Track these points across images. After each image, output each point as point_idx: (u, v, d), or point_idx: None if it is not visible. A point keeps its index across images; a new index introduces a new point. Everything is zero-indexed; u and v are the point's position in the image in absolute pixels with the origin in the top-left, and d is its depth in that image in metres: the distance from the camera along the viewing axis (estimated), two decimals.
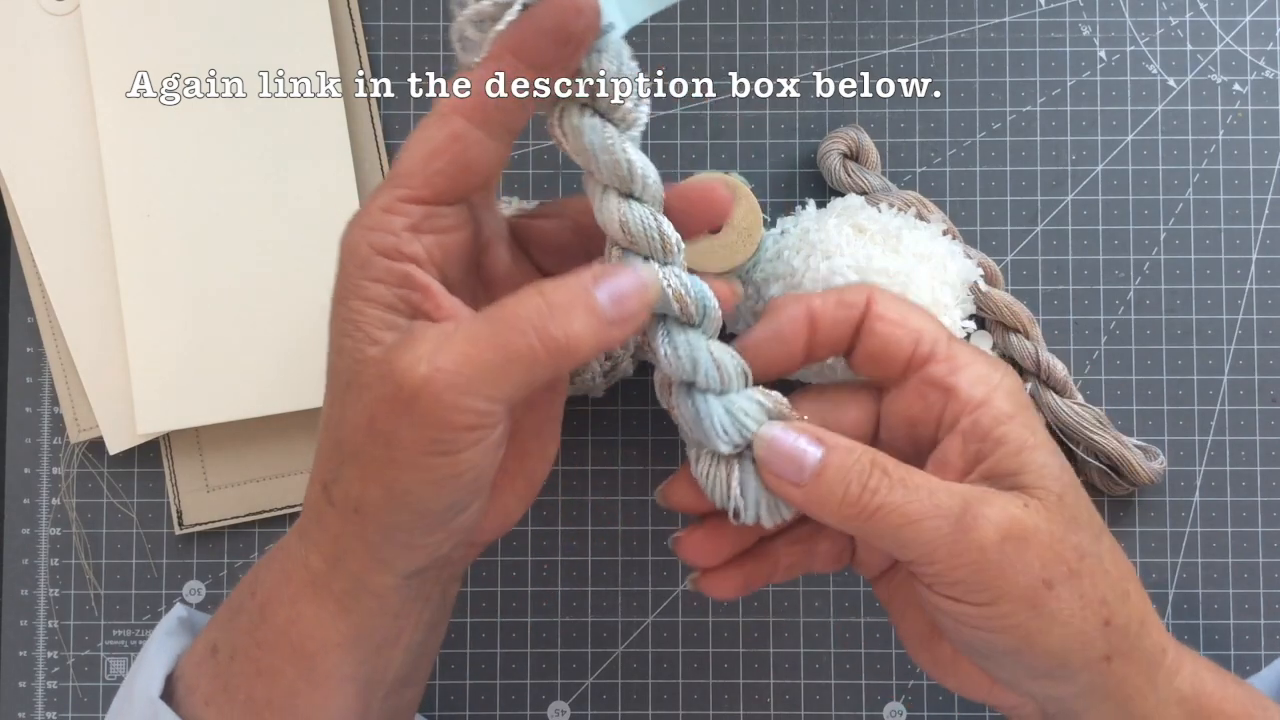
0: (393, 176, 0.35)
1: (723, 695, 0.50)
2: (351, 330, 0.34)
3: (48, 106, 0.49)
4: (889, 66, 0.51)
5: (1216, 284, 0.50)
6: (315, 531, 0.36)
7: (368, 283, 0.34)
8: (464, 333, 0.32)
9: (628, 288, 0.34)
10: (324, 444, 0.35)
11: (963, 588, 0.34)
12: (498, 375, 0.32)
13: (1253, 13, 0.51)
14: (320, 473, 0.35)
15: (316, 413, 0.49)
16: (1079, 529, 0.35)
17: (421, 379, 0.32)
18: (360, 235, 0.34)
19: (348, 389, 0.34)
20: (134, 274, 0.48)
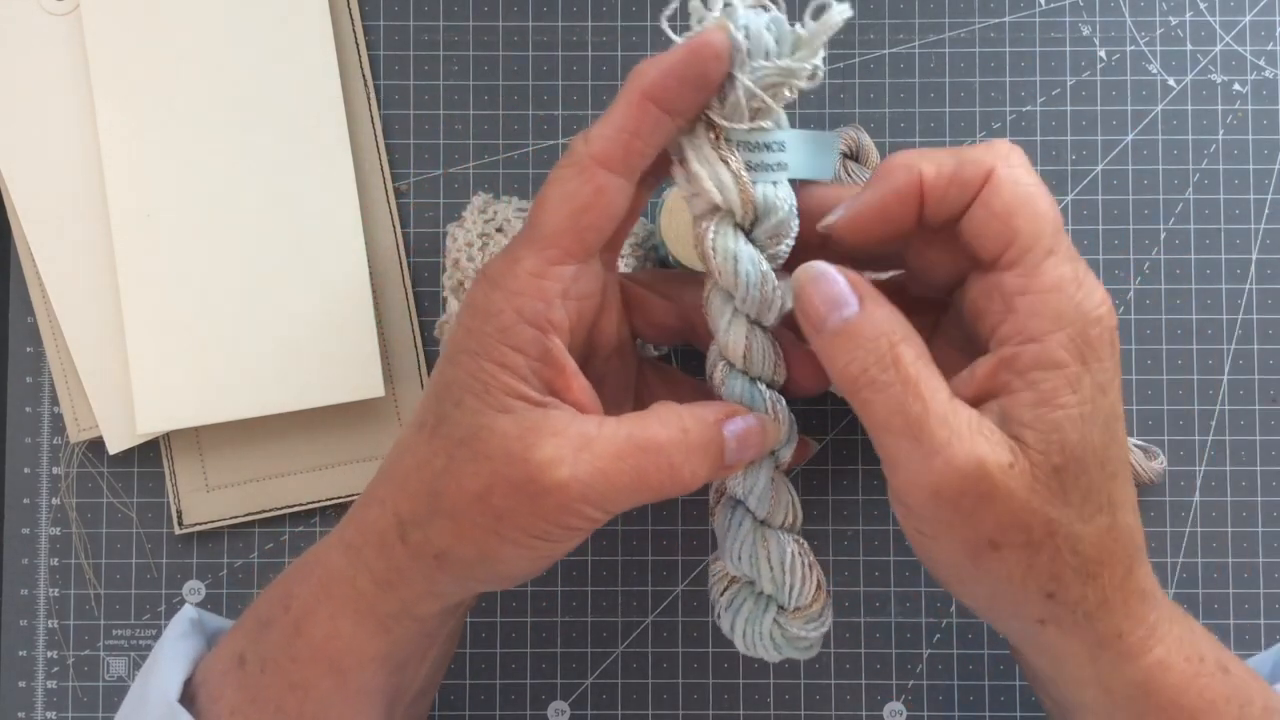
0: (537, 237, 0.34)
1: (723, 695, 0.50)
2: (481, 391, 0.33)
3: (48, 106, 0.49)
4: (889, 66, 0.51)
5: (1216, 284, 0.50)
6: (374, 557, 0.36)
7: (508, 349, 0.33)
8: (606, 446, 0.33)
9: (754, 438, 0.35)
10: (409, 483, 0.35)
11: (911, 513, 0.34)
12: (627, 497, 0.33)
13: (1253, 13, 0.51)
14: (398, 509, 0.35)
15: (316, 413, 0.49)
16: (1065, 505, 0.33)
17: (557, 482, 0.32)
18: (506, 299, 0.34)
19: (461, 446, 0.34)
20: (134, 274, 0.48)
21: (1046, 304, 0.32)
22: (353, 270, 0.49)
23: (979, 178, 0.33)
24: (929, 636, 0.50)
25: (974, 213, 0.33)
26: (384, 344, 0.50)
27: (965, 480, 0.32)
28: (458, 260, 0.45)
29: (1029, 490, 0.32)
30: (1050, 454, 0.32)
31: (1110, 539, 0.34)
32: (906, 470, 0.33)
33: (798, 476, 0.50)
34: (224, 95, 0.49)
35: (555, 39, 0.51)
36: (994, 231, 0.33)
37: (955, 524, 0.33)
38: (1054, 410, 0.32)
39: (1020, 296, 0.32)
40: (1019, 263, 0.33)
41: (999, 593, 0.34)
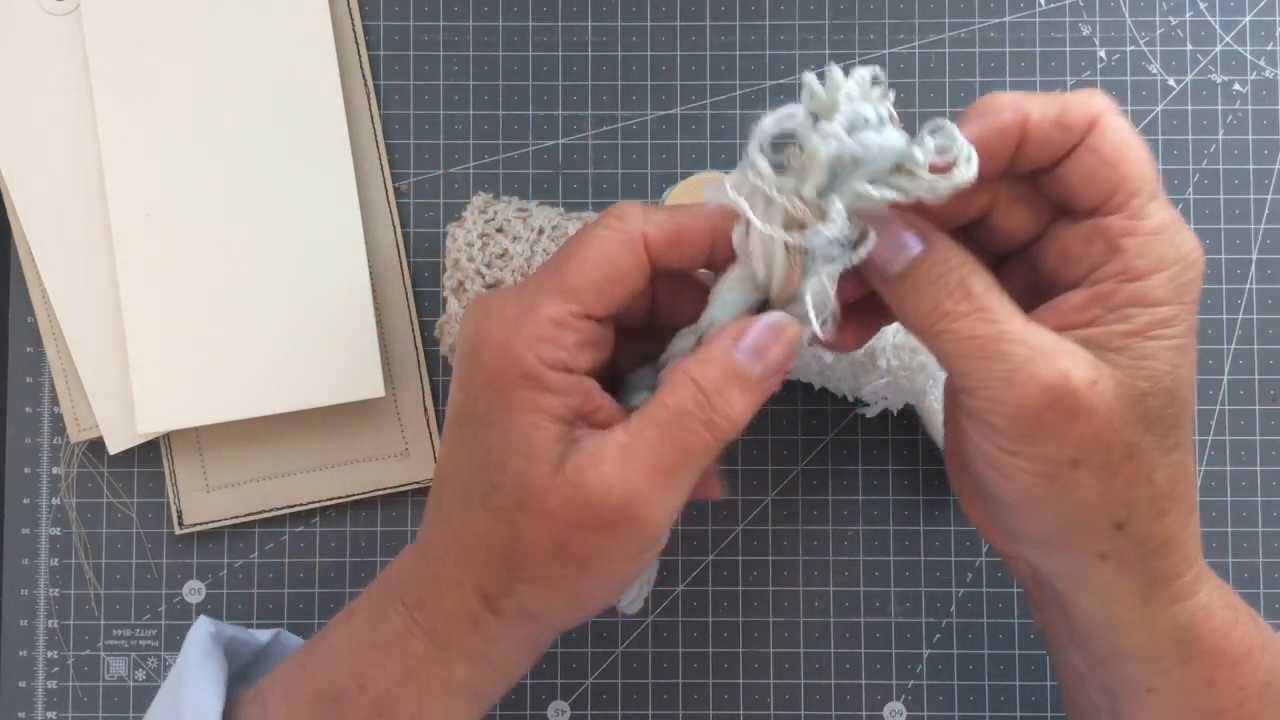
0: (565, 287, 0.33)
1: (723, 695, 0.50)
2: (522, 448, 0.33)
3: (48, 106, 0.49)
4: (889, 66, 0.51)
5: (1216, 284, 0.50)
6: (466, 639, 0.36)
7: (539, 395, 0.33)
8: (641, 444, 0.33)
9: (773, 341, 0.34)
10: (480, 559, 0.35)
11: (994, 431, 0.33)
12: (681, 477, 0.33)
13: (1253, 13, 0.51)
14: (477, 583, 0.35)
15: (316, 413, 0.49)
16: (1147, 431, 0.33)
17: (620, 503, 0.32)
18: (527, 346, 0.33)
19: (521, 511, 0.33)
20: (134, 274, 0.48)
21: (1152, 245, 0.33)
22: (353, 270, 0.49)
23: (1085, 122, 0.33)
24: (929, 636, 0.50)
25: (1080, 158, 0.33)
26: (384, 344, 0.50)
27: (1049, 393, 0.32)
28: (458, 260, 0.45)
29: (1112, 409, 0.32)
30: (1138, 379, 0.32)
31: (1183, 476, 0.34)
32: (989, 389, 0.33)
33: (799, 475, 0.50)
34: (224, 95, 0.49)
35: (555, 39, 0.51)
36: (1102, 176, 0.33)
37: (1037, 439, 0.33)
38: (1147, 340, 0.32)
39: (1126, 238, 0.33)
40: (1125, 206, 0.33)
41: (1070, 518, 0.34)
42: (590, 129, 0.51)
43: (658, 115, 0.51)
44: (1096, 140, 0.33)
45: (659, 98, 0.51)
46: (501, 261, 0.45)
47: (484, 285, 0.45)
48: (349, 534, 0.50)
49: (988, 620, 0.50)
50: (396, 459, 0.50)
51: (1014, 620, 0.50)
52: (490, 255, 0.45)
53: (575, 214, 0.47)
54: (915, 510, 0.50)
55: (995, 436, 0.33)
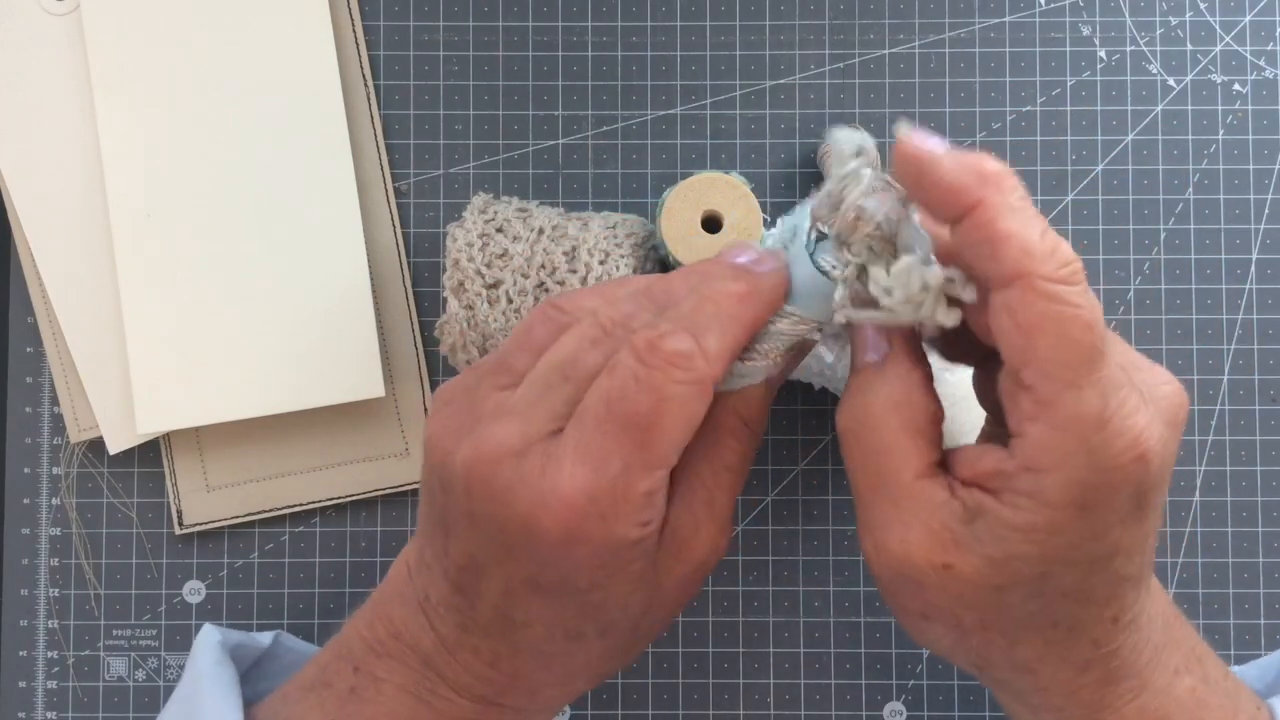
0: (654, 458, 0.32)
1: (723, 695, 0.50)
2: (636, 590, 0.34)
3: (48, 106, 0.49)
4: (889, 66, 0.51)
5: (1216, 284, 0.50)
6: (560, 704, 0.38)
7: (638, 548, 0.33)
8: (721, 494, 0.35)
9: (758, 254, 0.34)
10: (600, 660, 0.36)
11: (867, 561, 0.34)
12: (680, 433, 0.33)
13: (1253, 13, 0.51)
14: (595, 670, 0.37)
15: (316, 413, 0.49)
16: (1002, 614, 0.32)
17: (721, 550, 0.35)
18: (629, 524, 0.32)
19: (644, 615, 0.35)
20: (134, 274, 0.48)
21: (1054, 441, 0.29)
22: (353, 270, 0.49)
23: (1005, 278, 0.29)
24: None
25: (997, 313, 0.30)
26: (384, 344, 0.50)
27: (895, 564, 0.32)
28: (458, 260, 0.45)
29: (962, 592, 0.32)
30: (999, 574, 0.31)
31: (1062, 647, 0.33)
32: (859, 526, 0.34)
33: (799, 475, 0.50)
34: (224, 95, 0.49)
35: (555, 39, 0.51)
36: (1014, 345, 0.29)
37: (889, 590, 0.34)
38: (1024, 542, 0.30)
39: (1030, 423, 0.30)
40: (1036, 387, 0.29)
41: (934, 648, 0.35)
42: (590, 129, 0.51)
43: (658, 115, 0.51)
44: (1015, 303, 0.29)
45: (659, 98, 0.51)
46: (501, 261, 0.45)
47: (484, 285, 0.45)
48: (349, 534, 0.50)
49: None
50: (396, 459, 0.50)
51: None
52: (490, 255, 0.45)
53: (575, 214, 0.47)
54: None
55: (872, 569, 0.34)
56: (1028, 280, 0.29)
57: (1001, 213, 0.29)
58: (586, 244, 0.44)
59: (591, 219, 0.46)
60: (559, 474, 0.31)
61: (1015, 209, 0.29)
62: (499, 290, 0.44)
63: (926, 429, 0.33)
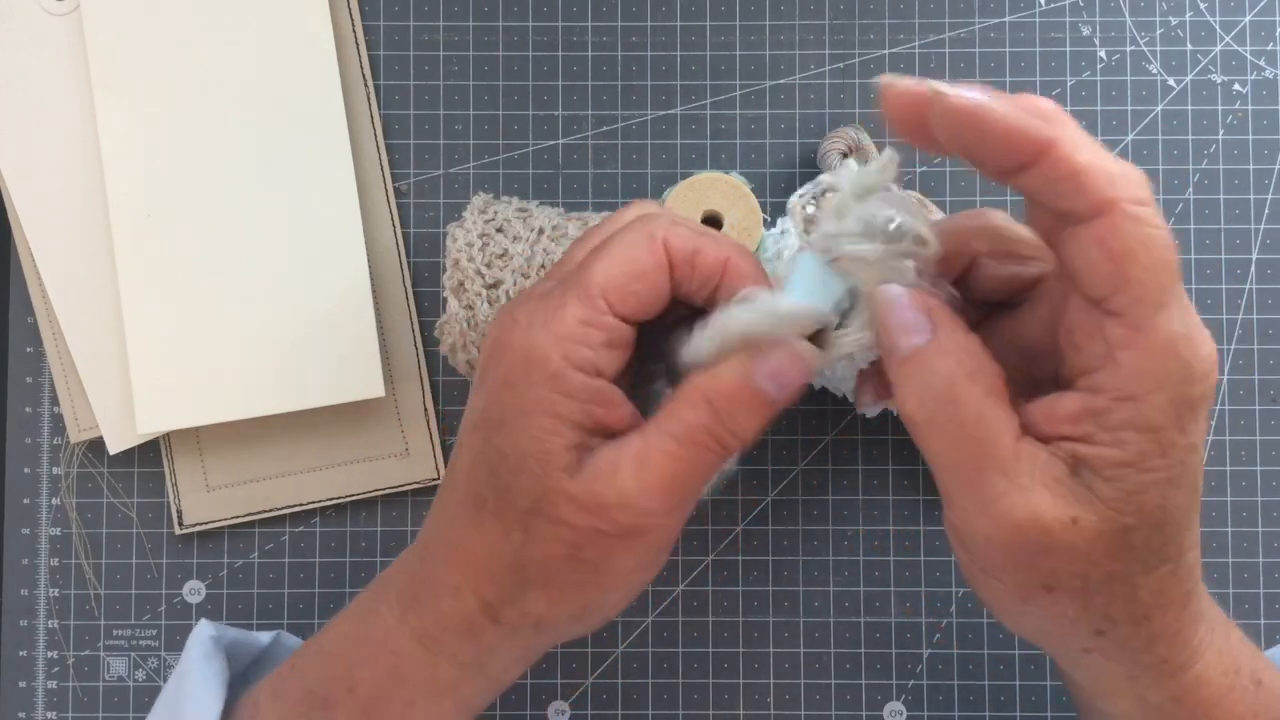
0: (589, 285, 0.33)
1: (723, 695, 0.50)
2: (537, 451, 0.33)
3: (48, 106, 0.49)
4: (889, 66, 0.51)
5: (1216, 284, 0.50)
6: (459, 645, 0.35)
7: (560, 397, 0.33)
8: (656, 456, 0.33)
9: (784, 364, 0.33)
10: (488, 565, 0.34)
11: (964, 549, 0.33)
12: (692, 489, 0.34)
13: (1253, 13, 0.51)
14: (478, 589, 0.35)
15: (316, 413, 0.49)
16: (1129, 559, 0.31)
17: (637, 512, 0.33)
18: (553, 345, 0.33)
19: (534, 515, 0.33)
20: (134, 274, 0.48)
21: (1153, 363, 0.29)
22: (353, 270, 0.49)
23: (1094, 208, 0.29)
24: (929, 636, 0.50)
25: (1085, 247, 0.29)
26: (384, 344, 0.50)
27: (1020, 532, 0.31)
28: (458, 260, 0.45)
29: (1091, 544, 0.31)
30: (1124, 514, 0.31)
31: (1171, 582, 0.33)
32: (961, 511, 0.32)
33: (799, 475, 0.50)
34: (224, 95, 0.49)
35: (555, 39, 0.51)
36: (1105, 274, 0.29)
37: (1009, 568, 0.32)
38: (1139, 473, 0.30)
39: (1125, 350, 0.30)
40: (1128, 313, 0.29)
41: (1047, 628, 0.34)
42: (590, 129, 0.51)
43: (658, 115, 0.51)
44: (1105, 232, 0.29)
45: (659, 98, 0.51)
46: (501, 261, 0.45)
47: (484, 285, 0.45)
48: (349, 534, 0.50)
49: (988, 620, 0.50)
50: (396, 459, 0.50)
51: None
52: (490, 255, 0.45)
53: (575, 214, 0.47)
54: (915, 510, 0.50)
55: (966, 554, 0.33)
56: (1117, 207, 0.29)
57: (1077, 147, 0.29)
58: (582, 249, 0.44)
59: (591, 219, 0.46)
60: (521, 302, 0.34)
61: (1084, 141, 0.29)
62: (499, 290, 0.44)
63: (1004, 392, 0.32)
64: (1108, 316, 0.30)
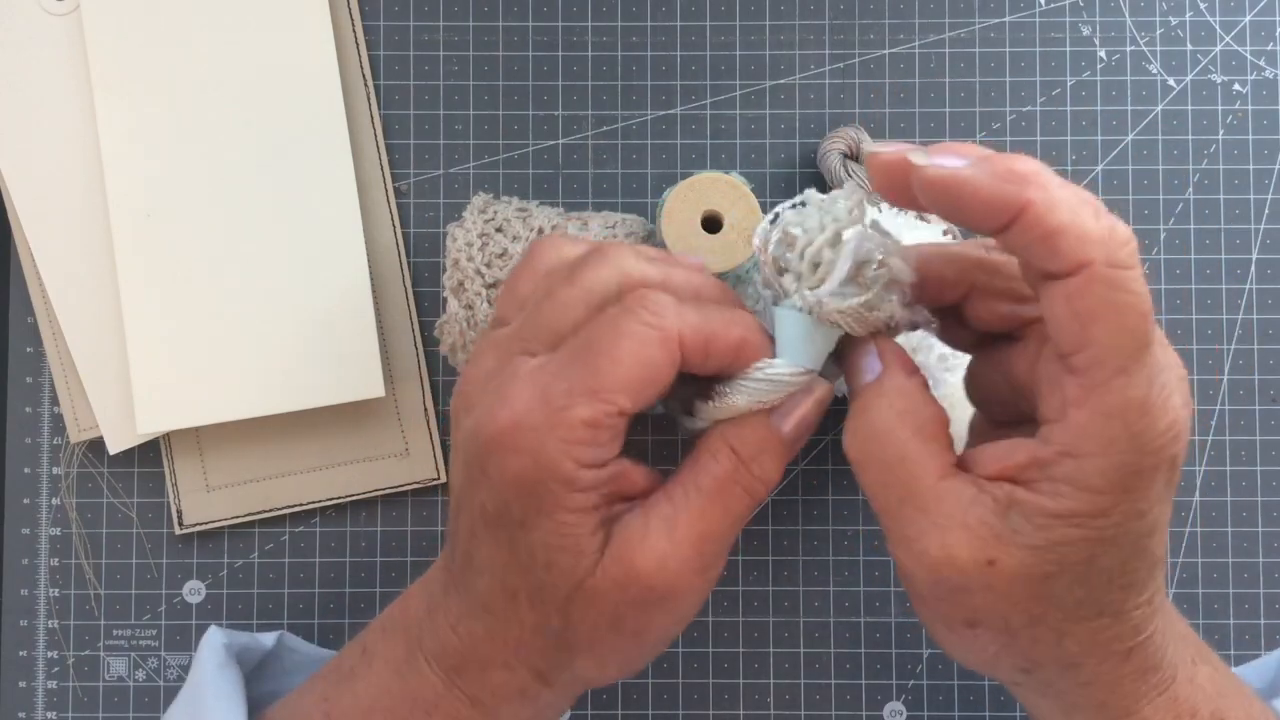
0: (597, 388, 0.32)
1: (723, 695, 0.50)
2: (567, 546, 0.33)
3: (48, 106, 0.49)
4: (889, 66, 0.51)
5: (1216, 284, 0.50)
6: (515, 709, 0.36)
7: (577, 495, 0.33)
8: (686, 515, 0.33)
9: (807, 408, 0.34)
10: (533, 645, 0.35)
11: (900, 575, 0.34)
12: (726, 541, 0.34)
13: (1253, 13, 0.51)
14: (529, 663, 0.35)
15: (317, 412, 0.49)
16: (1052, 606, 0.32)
17: (673, 575, 0.33)
18: (562, 452, 0.32)
19: (572, 602, 0.33)
20: (134, 274, 0.48)
21: (1099, 426, 0.30)
22: (353, 270, 0.49)
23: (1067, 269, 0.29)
24: (929, 636, 0.50)
25: (1054, 301, 0.30)
26: (384, 344, 0.50)
27: (936, 570, 0.32)
28: (458, 260, 0.45)
29: (1010, 586, 0.31)
30: (1045, 562, 0.31)
31: (1108, 636, 0.33)
32: (892, 545, 0.33)
33: (799, 475, 0.50)
34: (224, 95, 0.49)
35: (555, 39, 0.51)
36: (1070, 331, 0.30)
37: (931, 601, 0.33)
38: (1066, 527, 0.30)
39: (1075, 409, 0.30)
40: (1086, 373, 0.30)
41: (974, 659, 0.35)
42: (590, 129, 0.51)
43: (658, 115, 0.51)
44: (1074, 291, 0.29)
45: (659, 98, 0.51)
46: (501, 261, 0.45)
47: (484, 285, 0.45)
48: (349, 534, 0.50)
49: None
50: (396, 459, 0.50)
51: None
52: (490, 255, 0.45)
53: (575, 214, 0.47)
54: None
55: (904, 584, 0.34)
56: (1090, 269, 0.29)
57: (1050, 209, 0.29)
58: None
59: (591, 219, 0.46)
60: (512, 387, 0.33)
61: (1061, 200, 0.29)
62: (499, 290, 0.44)
63: (936, 432, 0.33)
64: (1068, 373, 0.30)
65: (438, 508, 0.50)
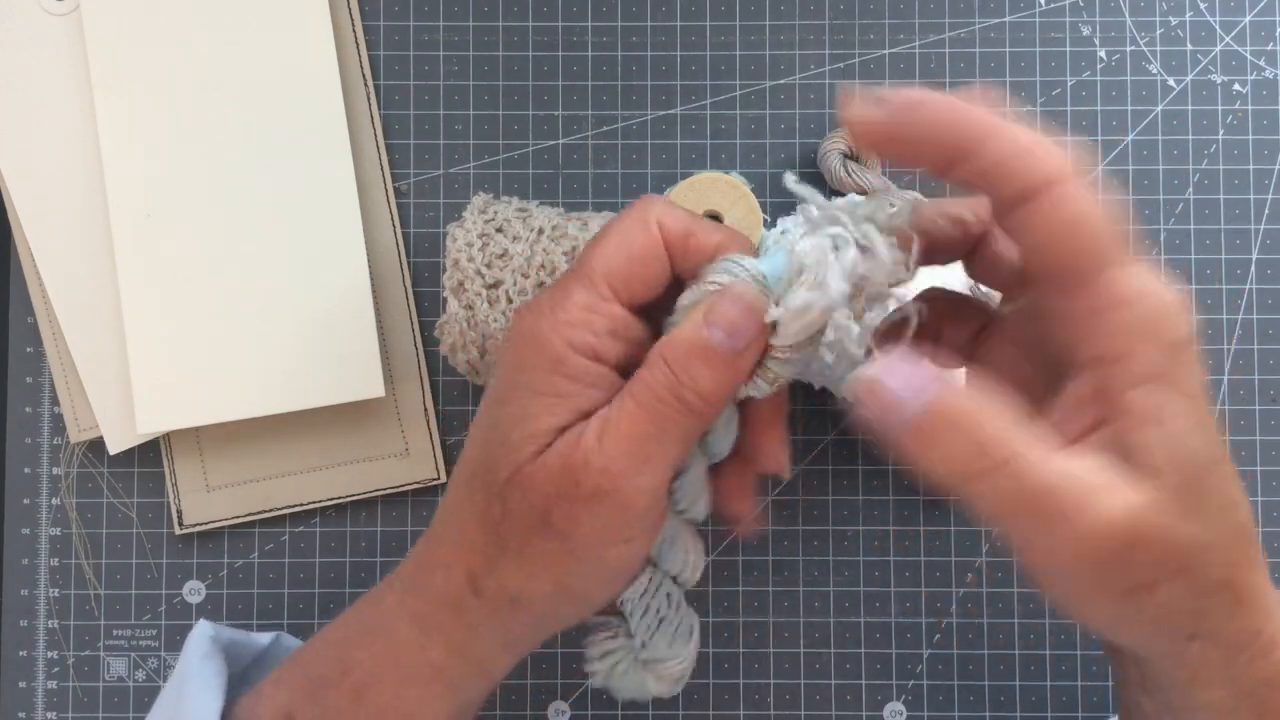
0: (589, 273, 0.34)
1: (723, 695, 0.50)
2: (525, 427, 0.34)
3: (48, 106, 0.49)
4: (889, 66, 0.51)
5: (1216, 284, 0.50)
6: (447, 622, 0.36)
7: (561, 380, 0.34)
8: (618, 417, 0.33)
9: (734, 315, 0.34)
10: (472, 536, 0.35)
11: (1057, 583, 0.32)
12: (658, 451, 0.34)
13: (1253, 13, 0.51)
14: (466, 562, 0.35)
15: (316, 413, 0.49)
16: (1200, 519, 0.31)
17: (598, 470, 0.33)
18: (554, 329, 0.34)
19: (510, 485, 0.34)
20: (134, 274, 0.48)
21: (1124, 319, 0.30)
22: (353, 270, 0.49)
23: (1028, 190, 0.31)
24: (929, 636, 0.50)
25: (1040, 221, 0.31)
26: (384, 344, 0.50)
27: (1105, 539, 0.30)
28: (458, 260, 0.45)
29: (1168, 518, 0.30)
30: (1175, 472, 0.30)
31: (1240, 538, 0.32)
32: (1039, 547, 0.31)
33: (800, 475, 0.50)
34: (224, 96, 0.49)
35: (555, 39, 0.51)
36: (1052, 253, 0.31)
37: (1108, 579, 0.31)
38: (1165, 426, 0.30)
39: (1094, 317, 0.31)
40: (1086, 283, 0.31)
41: (1155, 626, 0.33)
42: (590, 129, 0.51)
43: (658, 115, 0.51)
44: (1057, 203, 0.31)
45: (659, 98, 0.51)
46: (501, 261, 0.45)
47: (484, 285, 0.45)
48: (349, 534, 0.50)
49: (988, 620, 0.50)
50: (396, 459, 0.50)
51: (1014, 620, 0.50)
52: (490, 255, 0.45)
53: (575, 214, 0.47)
54: (915, 510, 0.50)
55: (1059, 588, 0.32)
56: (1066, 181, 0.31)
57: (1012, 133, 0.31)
58: (586, 244, 0.44)
59: (591, 219, 0.46)
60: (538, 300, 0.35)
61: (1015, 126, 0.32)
62: (499, 290, 0.44)
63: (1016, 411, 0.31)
64: (1070, 293, 0.31)
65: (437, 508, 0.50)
